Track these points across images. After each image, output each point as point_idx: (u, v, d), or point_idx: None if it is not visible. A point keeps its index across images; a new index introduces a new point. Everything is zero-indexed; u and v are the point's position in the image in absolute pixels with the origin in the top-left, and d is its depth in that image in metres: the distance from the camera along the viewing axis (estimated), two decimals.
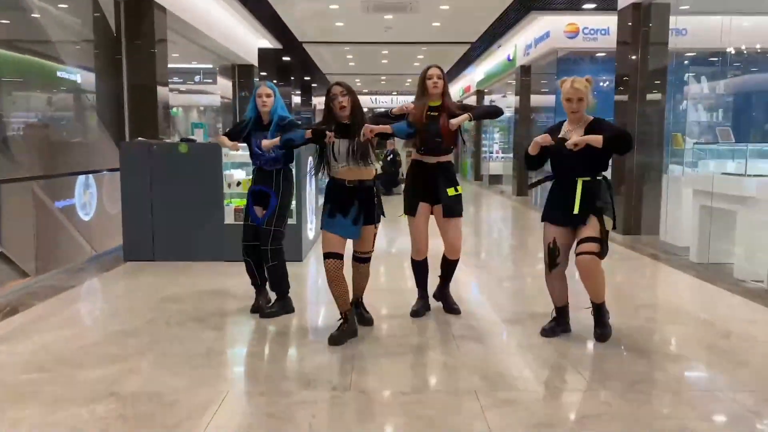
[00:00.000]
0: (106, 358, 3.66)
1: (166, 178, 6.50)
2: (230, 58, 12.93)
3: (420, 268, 4.59)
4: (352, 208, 3.87)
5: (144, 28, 7.66)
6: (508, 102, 16.54)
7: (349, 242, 4.05)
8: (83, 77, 7.17)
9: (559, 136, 3.95)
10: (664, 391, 3.24)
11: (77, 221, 6.82)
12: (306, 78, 22.58)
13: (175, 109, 12.51)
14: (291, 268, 4.81)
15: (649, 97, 7.93)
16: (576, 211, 3.86)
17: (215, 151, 6.50)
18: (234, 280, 5.60)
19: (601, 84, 12.95)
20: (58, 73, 6.77)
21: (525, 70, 14.12)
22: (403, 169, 13.94)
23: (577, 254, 3.87)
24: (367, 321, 4.29)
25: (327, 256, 3.86)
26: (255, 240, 4.57)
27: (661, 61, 7.92)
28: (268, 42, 14.13)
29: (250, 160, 4.68)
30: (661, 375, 3.46)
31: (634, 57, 7.98)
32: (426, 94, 4.29)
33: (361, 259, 4.13)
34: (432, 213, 4.44)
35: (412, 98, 4.54)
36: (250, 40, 13.46)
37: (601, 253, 3.85)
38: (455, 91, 24.39)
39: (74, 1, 7.18)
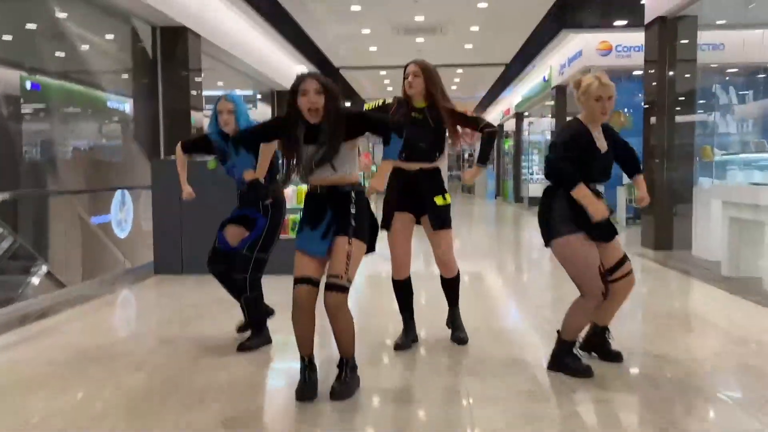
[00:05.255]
0: (118, 355, 3.90)
1: (195, 193, 6.79)
2: (269, 84, 13.39)
3: (401, 290, 4.01)
4: (324, 219, 3.19)
5: (178, 54, 8.09)
6: (542, 125, 16.55)
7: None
8: (123, 102, 7.64)
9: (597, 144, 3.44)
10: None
11: (113, 236, 7.21)
12: (347, 104, 23.06)
13: None
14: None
15: (678, 117, 7.87)
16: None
17: None
18: None
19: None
20: (106, 101, 7.31)
21: (561, 90, 14.12)
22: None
23: (623, 276, 3.54)
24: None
25: (297, 281, 3.11)
26: (225, 262, 4.10)
27: (690, 76, 7.89)
28: (305, 67, 14.60)
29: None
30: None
31: (662, 72, 7.96)
32: (404, 95, 3.91)
33: (331, 286, 3.07)
34: (420, 224, 3.97)
35: None
36: (288, 66, 13.94)
37: None
38: (495, 114, 24.43)
39: (116, 31, 7.69)
